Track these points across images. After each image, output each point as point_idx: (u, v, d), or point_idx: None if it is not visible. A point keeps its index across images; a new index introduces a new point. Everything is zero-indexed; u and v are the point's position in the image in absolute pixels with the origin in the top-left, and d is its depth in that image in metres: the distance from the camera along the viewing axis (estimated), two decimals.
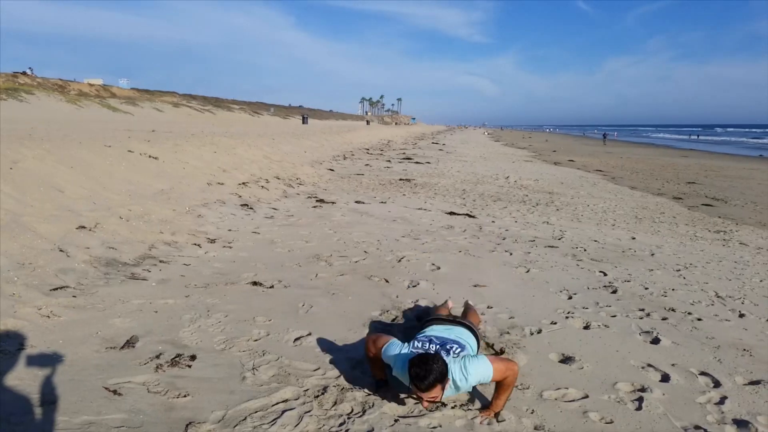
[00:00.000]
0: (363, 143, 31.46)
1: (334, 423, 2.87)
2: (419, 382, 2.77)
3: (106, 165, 8.65)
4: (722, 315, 5.00)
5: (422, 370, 2.77)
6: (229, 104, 75.20)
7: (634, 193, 15.55)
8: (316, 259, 6.21)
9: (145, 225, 6.68)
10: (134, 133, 15.59)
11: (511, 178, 17.29)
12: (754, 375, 3.72)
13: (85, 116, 36.26)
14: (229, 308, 4.45)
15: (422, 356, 2.86)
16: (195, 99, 70.04)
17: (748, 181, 19.78)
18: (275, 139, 19.62)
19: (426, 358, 2.83)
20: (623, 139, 77.18)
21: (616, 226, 9.80)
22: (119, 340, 3.68)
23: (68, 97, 44.05)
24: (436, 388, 2.80)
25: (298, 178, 13.36)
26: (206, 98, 74.31)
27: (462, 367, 2.95)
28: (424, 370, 2.77)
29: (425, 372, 2.76)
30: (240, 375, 3.32)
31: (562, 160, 28.44)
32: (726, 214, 12.15)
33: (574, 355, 3.88)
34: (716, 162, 30.52)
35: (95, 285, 4.77)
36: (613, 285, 5.75)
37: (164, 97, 62.30)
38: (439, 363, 2.81)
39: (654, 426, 3.00)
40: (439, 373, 2.79)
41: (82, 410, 2.79)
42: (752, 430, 3.00)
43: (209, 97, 75.79)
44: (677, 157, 35.63)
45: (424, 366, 2.78)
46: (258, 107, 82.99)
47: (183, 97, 68.86)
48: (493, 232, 8.33)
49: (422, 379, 2.76)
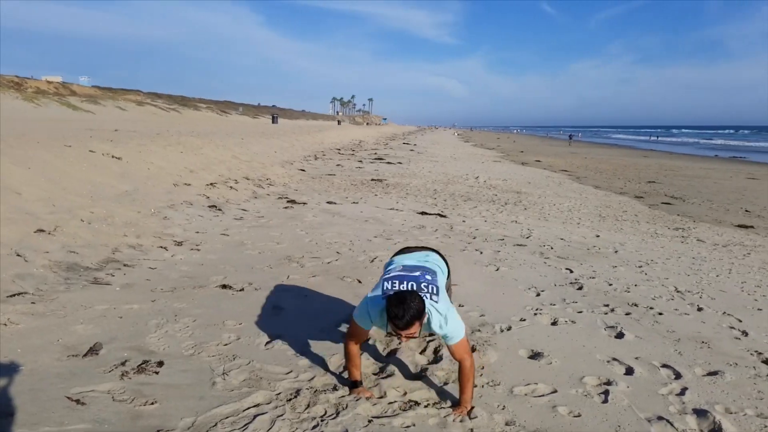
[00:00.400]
0: (334, 143, 31.32)
1: (308, 426, 2.85)
2: (398, 320, 2.82)
3: (66, 166, 8.42)
4: (682, 309, 5.16)
5: (400, 309, 2.81)
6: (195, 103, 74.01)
7: (597, 192, 15.89)
8: (287, 261, 6.16)
9: (108, 228, 6.52)
10: (96, 132, 15.20)
11: (481, 178, 17.47)
12: (712, 366, 3.86)
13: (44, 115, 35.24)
14: (197, 312, 4.38)
15: (399, 294, 2.91)
16: (160, 98, 68.73)
17: (704, 180, 20.42)
18: (244, 139, 19.38)
19: (403, 296, 2.88)
20: (586, 139, 78.79)
21: (581, 224, 10.01)
22: (82, 348, 3.58)
23: (25, 95, 42.74)
24: (414, 326, 2.85)
25: (268, 178, 13.23)
26: (172, 97, 72.99)
27: (444, 319, 3.04)
28: (402, 310, 2.81)
29: (403, 311, 2.81)
30: (210, 380, 3.26)
31: (529, 161, 28.87)
32: (684, 212, 12.53)
33: (542, 351, 3.94)
34: (675, 162, 31.40)
35: (55, 291, 4.63)
36: (579, 282, 5.87)
37: (128, 96, 60.97)
38: (416, 301, 2.87)
39: (620, 418, 3.09)
40: (417, 311, 2.84)
41: (42, 421, 2.70)
42: (711, 418, 3.12)
43: (175, 96, 74.45)
44: (638, 157, 36.53)
45: (401, 305, 2.82)
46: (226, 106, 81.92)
47: (147, 95, 67.51)
48: (463, 231, 8.40)
49: (401, 317, 2.81)
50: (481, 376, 3.52)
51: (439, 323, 3.04)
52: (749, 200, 15.05)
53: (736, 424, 3.08)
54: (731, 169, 26.67)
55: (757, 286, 6.19)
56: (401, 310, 2.81)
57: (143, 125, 25.92)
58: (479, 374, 3.53)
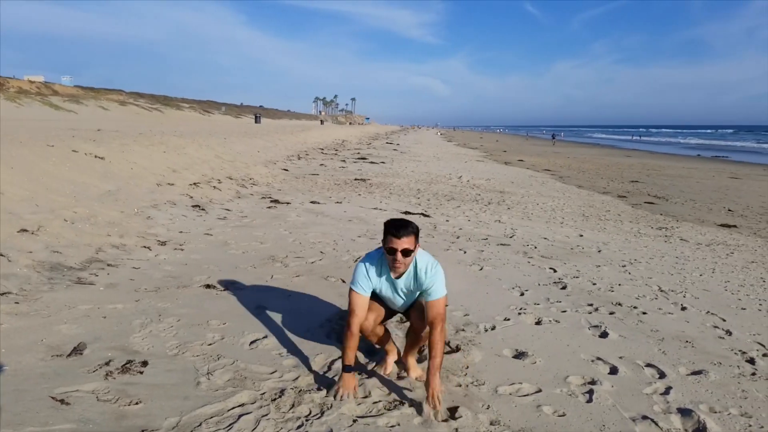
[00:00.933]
0: (317, 143, 31.26)
1: (292, 426, 2.84)
2: (395, 230, 3.11)
3: (49, 165, 8.31)
4: (665, 308, 5.22)
5: (399, 222, 3.17)
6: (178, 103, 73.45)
7: (581, 191, 16.04)
8: (271, 261, 6.14)
9: (92, 227, 6.45)
10: (79, 132, 15.03)
11: (464, 178, 17.54)
12: (696, 365, 3.90)
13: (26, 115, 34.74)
14: (181, 312, 4.35)
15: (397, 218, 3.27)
16: (143, 97, 68.14)
17: (687, 180, 20.71)
18: (227, 139, 19.27)
19: (401, 219, 3.23)
20: (569, 139, 79.51)
21: (564, 223, 10.09)
22: (66, 348, 3.54)
23: (7, 95, 42.12)
24: (410, 238, 3.12)
25: (251, 178, 13.16)
26: (154, 96, 72.38)
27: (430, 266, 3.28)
28: (400, 222, 3.17)
29: (401, 223, 3.15)
30: (194, 380, 3.25)
31: (512, 160, 29.07)
32: (667, 212, 12.69)
33: (527, 351, 3.97)
34: (657, 161, 31.81)
35: (39, 291, 4.57)
36: (562, 281, 5.92)
37: (110, 96, 60.36)
38: (413, 224, 3.19)
39: (604, 417, 3.11)
40: (414, 227, 3.17)
41: (27, 421, 2.67)
42: (695, 417, 3.14)
43: (158, 96, 73.85)
44: (621, 156, 36.96)
45: (400, 221, 3.18)
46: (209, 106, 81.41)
47: (130, 95, 66.89)
48: (447, 231, 8.44)
49: (399, 227, 3.12)
50: (466, 375, 3.54)
51: (425, 268, 3.26)
52: (732, 199, 15.29)
53: (720, 423, 3.11)
54: (714, 169, 27.10)
55: (741, 286, 6.28)
56: (398, 223, 3.15)
57: (126, 125, 25.66)
58: (463, 373, 3.56)
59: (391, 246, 3.13)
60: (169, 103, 69.72)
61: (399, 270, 3.23)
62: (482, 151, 38.52)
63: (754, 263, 7.55)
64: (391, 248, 3.14)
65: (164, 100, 72.13)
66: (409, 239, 3.11)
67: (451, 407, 3.11)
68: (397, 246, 3.11)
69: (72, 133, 14.23)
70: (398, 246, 3.10)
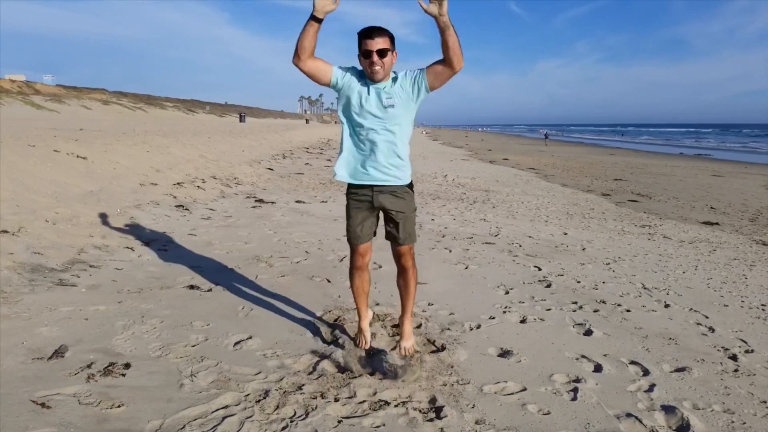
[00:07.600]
0: (302, 142, 31.14)
1: (277, 427, 2.83)
2: (368, 32, 3.03)
3: (30, 165, 8.19)
4: (649, 306, 5.26)
5: (370, 26, 3.07)
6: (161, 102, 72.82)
7: (565, 190, 16.14)
8: (255, 261, 6.10)
9: (74, 228, 6.36)
10: (61, 131, 14.83)
11: (449, 177, 17.58)
12: (680, 362, 3.93)
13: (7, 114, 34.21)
14: (164, 313, 4.30)
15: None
16: (126, 96, 67.48)
17: (670, 178, 20.93)
18: (211, 138, 19.13)
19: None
20: (553, 138, 80.00)
21: (549, 222, 10.15)
22: (47, 350, 3.49)
23: None
24: (384, 39, 3.04)
25: (235, 177, 13.08)
26: (138, 96, 71.72)
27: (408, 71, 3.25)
28: (372, 26, 3.07)
29: (373, 27, 3.06)
30: (177, 382, 3.21)
31: (497, 159, 29.19)
32: (651, 209, 12.81)
33: (512, 349, 3.98)
34: (640, 160, 32.12)
35: (20, 292, 4.50)
36: (547, 279, 5.95)
37: (93, 95, 59.70)
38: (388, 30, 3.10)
39: (589, 415, 3.13)
40: (389, 32, 3.08)
41: (6, 426, 2.63)
42: (679, 414, 3.16)
43: (141, 95, 73.20)
44: (605, 155, 37.25)
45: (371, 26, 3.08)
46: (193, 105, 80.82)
47: (113, 94, 66.21)
48: (432, 229, 8.45)
49: (371, 29, 3.03)
50: (451, 374, 3.54)
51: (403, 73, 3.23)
52: (714, 197, 15.46)
53: (703, 420, 3.14)
54: (696, 167, 27.41)
55: (723, 283, 6.35)
56: (370, 27, 3.05)
57: (109, 124, 25.38)
58: (449, 372, 3.56)
59: (366, 48, 3.03)
60: (153, 103, 69.12)
61: (378, 72, 3.10)
62: (467, 150, 38.62)
63: (736, 260, 7.65)
64: (366, 50, 3.03)
65: (148, 99, 71.50)
66: (384, 39, 3.03)
67: (437, 406, 3.11)
68: (371, 47, 3.01)
69: (54, 132, 14.04)
70: (373, 47, 3.01)
